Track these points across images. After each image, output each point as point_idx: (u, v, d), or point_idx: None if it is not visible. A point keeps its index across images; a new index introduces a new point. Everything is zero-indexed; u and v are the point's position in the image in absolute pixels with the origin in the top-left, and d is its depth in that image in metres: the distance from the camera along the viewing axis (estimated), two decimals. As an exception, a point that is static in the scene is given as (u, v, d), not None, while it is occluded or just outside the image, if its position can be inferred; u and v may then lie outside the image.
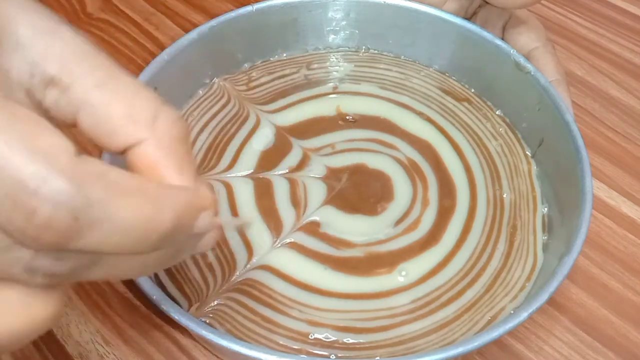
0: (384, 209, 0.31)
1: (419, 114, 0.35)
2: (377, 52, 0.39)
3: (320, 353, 0.26)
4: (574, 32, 0.47)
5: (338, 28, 0.38)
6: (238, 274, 0.29)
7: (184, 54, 0.34)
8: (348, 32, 0.39)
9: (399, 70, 0.38)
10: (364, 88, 0.37)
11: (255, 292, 0.28)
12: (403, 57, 0.39)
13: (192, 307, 0.27)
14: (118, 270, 0.17)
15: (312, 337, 0.27)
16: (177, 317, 0.24)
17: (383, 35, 0.38)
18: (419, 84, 0.37)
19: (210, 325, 0.27)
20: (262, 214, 0.30)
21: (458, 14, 0.36)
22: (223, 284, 0.28)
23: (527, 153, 0.34)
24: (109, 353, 0.30)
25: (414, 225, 0.30)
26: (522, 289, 0.28)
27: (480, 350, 0.30)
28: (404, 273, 0.29)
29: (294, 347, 0.26)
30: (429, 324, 0.27)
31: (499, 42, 0.35)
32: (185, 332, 0.30)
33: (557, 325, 0.31)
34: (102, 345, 0.30)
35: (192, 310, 0.27)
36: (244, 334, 0.27)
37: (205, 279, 0.28)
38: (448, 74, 0.38)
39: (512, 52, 0.34)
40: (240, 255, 0.29)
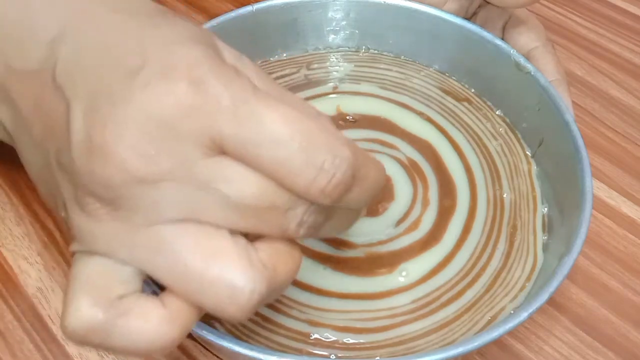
0: (385, 209, 0.31)
1: (419, 114, 0.35)
2: (377, 52, 0.39)
3: (320, 353, 0.26)
4: (574, 32, 0.47)
5: (338, 28, 0.38)
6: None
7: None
8: (348, 32, 0.39)
9: (399, 70, 0.38)
10: (364, 88, 0.37)
11: (256, 292, 0.28)
12: (403, 57, 0.39)
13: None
14: (337, 225, 0.21)
15: (312, 337, 0.27)
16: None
17: (383, 35, 0.38)
18: (419, 84, 0.37)
19: (211, 325, 0.27)
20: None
21: (458, 14, 0.36)
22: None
23: (527, 153, 0.34)
24: (109, 353, 0.30)
25: (415, 226, 0.30)
26: (522, 289, 0.28)
27: (480, 350, 0.30)
28: (405, 273, 0.29)
29: (294, 347, 0.26)
30: (429, 324, 0.27)
31: (499, 42, 0.35)
32: (186, 332, 0.30)
33: (557, 325, 0.31)
34: (102, 345, 0.30)
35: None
36: (244, 334, 0.27)
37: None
38: (448, 74, 0.38)
39: (512, 52, 0.34)
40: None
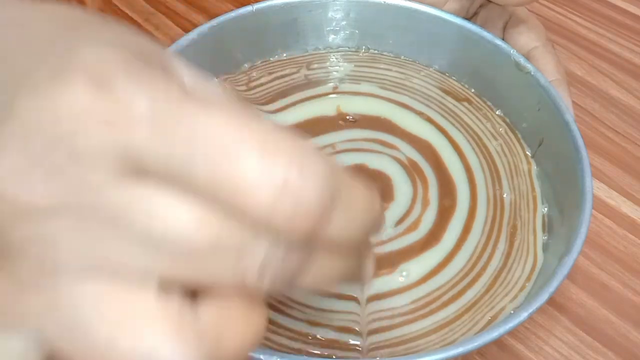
0: (385, 210, 0.31)
1: (419, 114, 0.35)
2: (377, 52, 0.39)
3: (320, 353, 0.26)
4: (574, 32, 0.47)
5: (338, 28, 0.38)
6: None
7: (184, 54, 0.34)
8: (348, 32, 0.39)
9: (399, 70, 0.38)
10: (364, 88, 0.37)
11: (256, 292, 0.28)
12: (403, 57, 0.39)
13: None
14: (321, 276, 0.15)
15: (312, 337, 0.27)
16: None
17: (383, 35, 0.38)
18: (419, 84, 0.37)
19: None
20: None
21: (459, 14, 0.36)
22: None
23: (527, 153, 0.34)
24: None
25: (414, 226, 0.30)
26: (522, 289, 0.28)
27: (480, 350, 0.30)
28: (405, 273, 0.29)
29: (294, 347, 0.26)
30: (430, 324, 0.27)
31: (499, 42, 0.35)
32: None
33: (557, 325, 0.31)
34: (102, 346, 0.30)
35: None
36: (244, 334, 0.27)
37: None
38: (448, 74, 0.38)
39: (512, 52, 0.34)
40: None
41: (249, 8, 0.36)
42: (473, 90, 0.37)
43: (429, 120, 0.35)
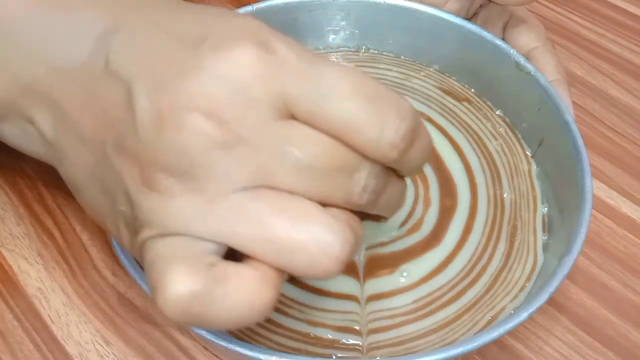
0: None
1: (419, 114, 0.35)
2: (377, 52, 0.39)
3: (321, 353, 0.26)
4: (574, 32, 0.47)
5: (338, 28, 0.38)
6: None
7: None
8: (348, 32, 0.39)
9: (399, 70, 0.38)
10: (364, 88, 0.37)
11: (256, 292, 0.28)
12: (403, 57, 0.39)
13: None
14: (390, 200, 0.21)
15: (312, 337, 0.27)
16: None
17: (383, 35, 0.38)
18: (419, 84, 0.37)
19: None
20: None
21: (459, 14, 0.36)
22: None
23: (527, 153, 0.34)
24: (109, 353, 0.30)
25: (417, 227, 0.30)
26: (522, 289, 0.28)
27: (480, 350, 0.30)
28: (405, 274, 0.29)
29: (294, 347, 0.26)
30: (430, 324, 0.27)
31: (499, 42, 0.35)
32: (186, 332, 0.30)
33: (557, 325, 0.31)
34: (102, 345, 0.30)
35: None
36: (244, 334, 0.27)
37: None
38: (448, 74, 0.38)
39: (512, 52, 0.34)
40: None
41: (249, 8, 0.36)
42: (473, 90, 0.37)
43: (429, 120, 0.35)
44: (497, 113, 0.36)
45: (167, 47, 0.19)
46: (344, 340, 0.27)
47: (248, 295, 0.18)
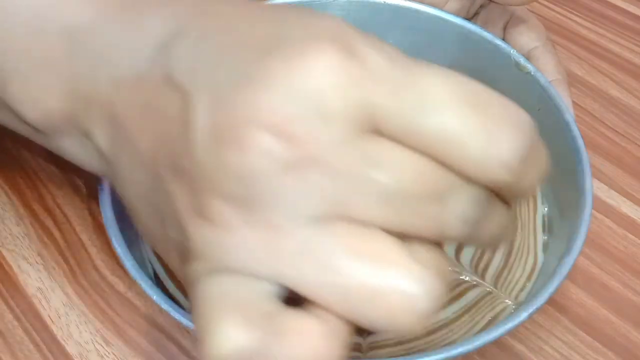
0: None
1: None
2: (377, 52, 0.39)
3: (321, 353, 0.26)
4: (574, 32, 0.47)
5: (338, 28, 0.38)
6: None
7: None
8: (348, 32, 0.38)
9: (399, 70, 0.38)
10: (364, 88, 0.37)
11: (256, 292, 0.28)
12: (403, 57, 0.38)
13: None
14: (492, 229, 0.17)
15: (312, 337, 0.27)
16: (177, 316, 0.24)
17: (383, 35, 0.38)
18: (419, 84, 0.37)
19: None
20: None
21: (459, 14, 0.36)
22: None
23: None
24: (109, 353, 0.30)
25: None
26: (522, 289, 0.28)
27: (480, 351, 0.30)
28: (404, 273, 0.29)
29: (294, 347, 0.26)
30: (430, 324, 0.27)
31: (499, 42, 0.35)
32: (186, 332, 0.30)
33: (557, 325, 0.31)
34: (102, 345, 0.30)
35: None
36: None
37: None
38: (448, 74, 0.38)
39: (512, 52, 0.34)
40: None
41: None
42: (473, 90, 0.37)
43: (429, 120, 0.35)
44: (497, 113, 0.36)
45: (234, 55, 0.16)
46: (344, 340, 0.27)
47: (311, 353, 0.15)
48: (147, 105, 0.17)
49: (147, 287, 0.24)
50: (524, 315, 0.24)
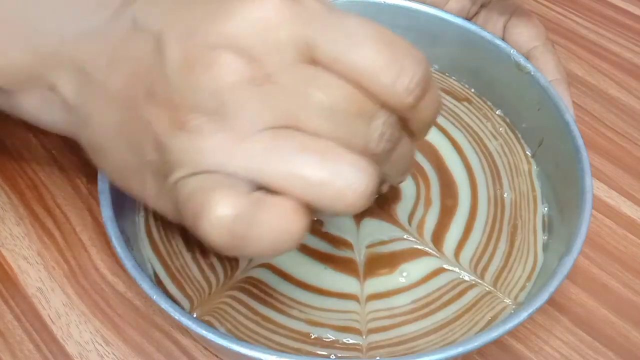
0: (390, 210, 0.31)
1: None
2: (377, 52, 0.39)
3: (320, 353, 0.26)
4: (574, 32, 0.47)
5: (338, 28, 0.38)
6: (239, 273, 0.29)
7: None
8: (348, 32, 0.38)
9: (399, 70, 0.38)
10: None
11: (256, 290, 0.28)
12: (403, 57, 0.39)
13: (193, 306, 0.27)
14: (400, 161, 0.22)
15: (312, 337, 0.27)
16: (177, 316, 0.24)
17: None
18: (419, 84, 0.37)
19: (210, 324, 0.27)
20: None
21: (460, 14, 0.36)
22: (225, 283, 0.28)
23: (527, 153, 0.34)
24: (109, 353, 0.30)
25: (418, 226, 0.30)
26: (522, 289, 0.28)
27: (480, 350, 0.30)
28: (405, 274, 0.29)
29: (294, 346, 0.26)
30: (430, 324, 0.27)
31: (499, 42, 0.35)
32: (186, 332, 0.30)
33: (557, 325, 0.31)
34: (102, 345, 0.30)
35: (194, 310, 0.27)
36: (244, 334, 0.27)
37: (207, 278, 0.28)
38: (448, 74, 0.38)
39: (512, 52, 0.34)
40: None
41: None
42: (473, 90, 0.37)
43: (429, 120, 0.35)
44: (497, 113, 0.36)
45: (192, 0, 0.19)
46: (344, 340, 0.27)
47: (284, 222, 0.18)
48: (116, 52, 0.20)
49: (147, 287, 0.24)
50: (524, 315, 0.24)
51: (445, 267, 0.29)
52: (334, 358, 0.26)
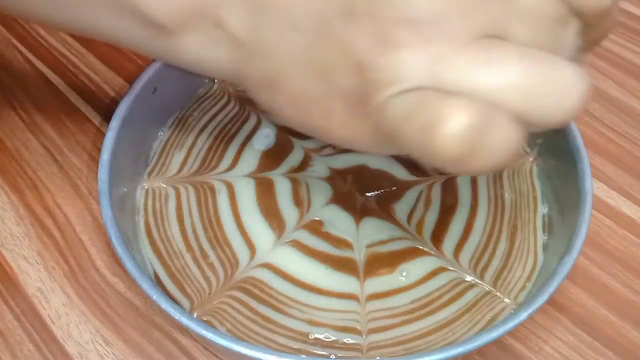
0: (390, 209, 0.31)
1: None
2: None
3: (320, 353, 0.26)
4: (574, 32, 0.47)
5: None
6: (239, 272, 0.29)
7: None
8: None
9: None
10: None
11: (256, 290, 0.28)
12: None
13: (193, 306, 0.27)
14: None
15: (312, 337, 0.27)
16: (177, 316, 0.24)
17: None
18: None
19: (210, 324, 0.27)
20: (263, 213, 0.30)
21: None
22: (225, 283, 0.28)
23: (527, 153, 0.34)
24: (109, 353, 0.30)
25: (418, 226, 0.30)
26: (522, 289, 0.28)
27: (480, 350, 0.30)
28: (405, 274, 0.29)
29: (294, 347, 0.26)
30: (430, 324, 0.27)
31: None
32: (185, 332, 0.30)
33: (557, 325, 0.31)
34: (102, 345, 0.30)
35: (194, 310, 0.27)
36: (244, 334, 0.27)
37: (207, 278, 0.28)
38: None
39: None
40: (243, 254, 0.29)
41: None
42: (473, 90, 0.37)
43: (429, 120, 0.35)
44: (497, 113, 0.36)
45: None
46: (344, 340, 0.27)
47: (511, 133, 0.18)
48: None
49: (147, 287, 0.24)
50: (524, 315, 0.24)
51: (445, 266, 0.29)
52: (334, 358, 0.26)
